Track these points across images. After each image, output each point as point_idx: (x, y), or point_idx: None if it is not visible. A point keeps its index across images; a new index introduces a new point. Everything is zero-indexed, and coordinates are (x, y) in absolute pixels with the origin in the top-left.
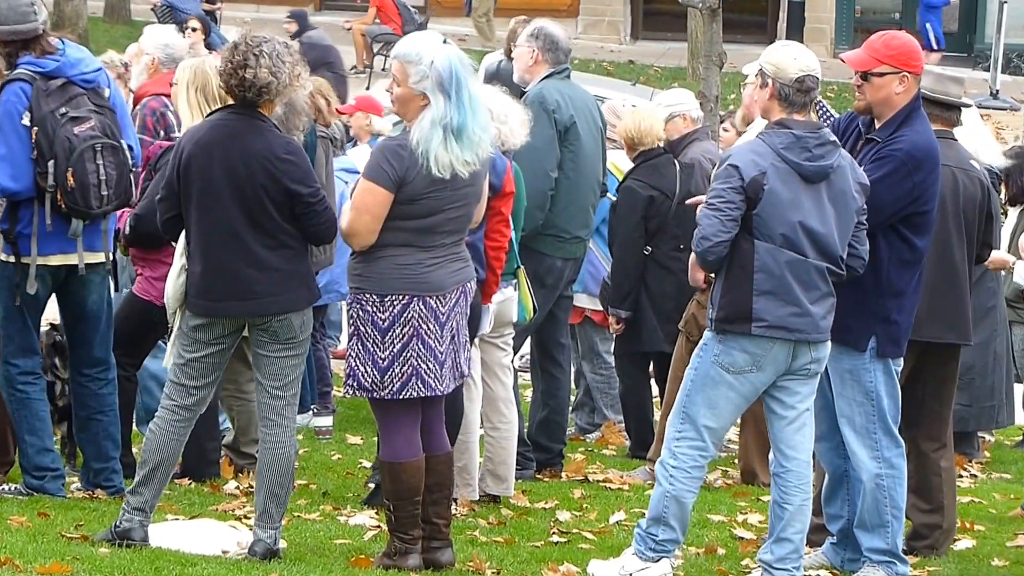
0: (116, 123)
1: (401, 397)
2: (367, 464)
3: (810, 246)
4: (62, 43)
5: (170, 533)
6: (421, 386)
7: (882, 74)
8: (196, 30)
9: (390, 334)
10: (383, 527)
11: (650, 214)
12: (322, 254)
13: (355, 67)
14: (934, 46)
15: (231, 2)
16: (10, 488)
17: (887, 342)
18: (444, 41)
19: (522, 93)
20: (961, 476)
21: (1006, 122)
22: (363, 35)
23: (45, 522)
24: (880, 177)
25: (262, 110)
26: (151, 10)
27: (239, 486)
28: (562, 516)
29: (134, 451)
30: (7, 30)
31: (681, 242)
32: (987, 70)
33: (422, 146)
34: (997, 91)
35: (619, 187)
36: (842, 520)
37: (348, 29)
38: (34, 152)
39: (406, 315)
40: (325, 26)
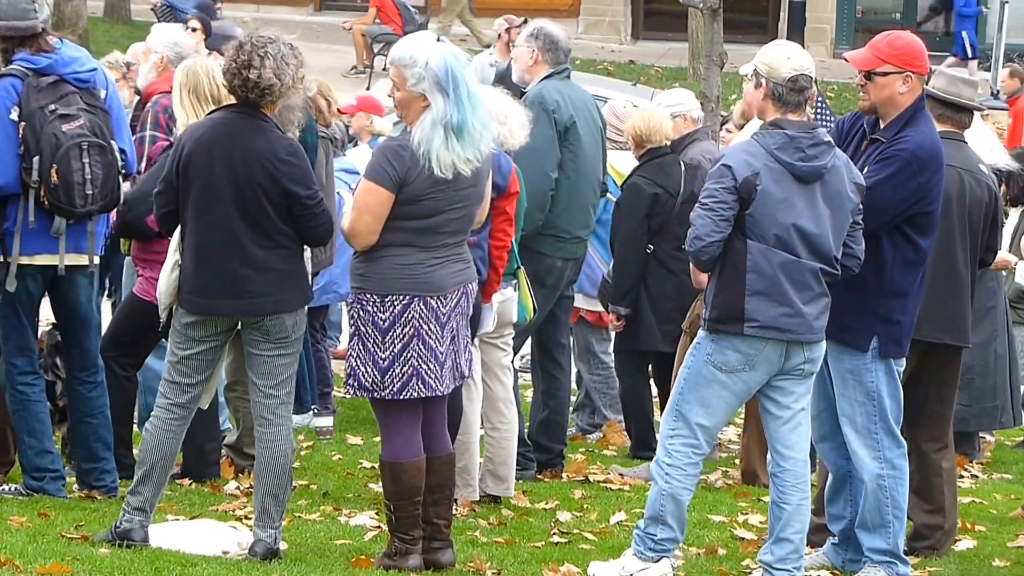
0: (108, 124)
1: (401, 397)
2: (368, 464)
3: (803, 247)
4: (60, 43)
5: (170, 533)
6: (421, 386)
7: (886, 73)
8: (196, 30)
9: (391, 334)
10: (383, 527)
11: (654, 212)
12: (322, 254)
13: (355, 67)
14: (969, 55)
15: (231, 2)
16: (10, 488)
17: (889, 342)
18: (438, 39)
19: (522, 93)
20: (962, 476)
21: (1006, 122)
22: (363, 35)
23: (45, 522)
24: (885, 177)
25: (264, 110)
26: (151, 10)
27: (239, 486)
28: (563, 517)
29: (134, 451)
30: (4, 25)
31: (683, 242)
32: (988, 70)
33: (423, 147)
34: (998, 91)
35: (624, 184)
36: (844, 520)
37: (348, 29)
38: (21, 148)
39: (407, 315)
40: (325, 26)
